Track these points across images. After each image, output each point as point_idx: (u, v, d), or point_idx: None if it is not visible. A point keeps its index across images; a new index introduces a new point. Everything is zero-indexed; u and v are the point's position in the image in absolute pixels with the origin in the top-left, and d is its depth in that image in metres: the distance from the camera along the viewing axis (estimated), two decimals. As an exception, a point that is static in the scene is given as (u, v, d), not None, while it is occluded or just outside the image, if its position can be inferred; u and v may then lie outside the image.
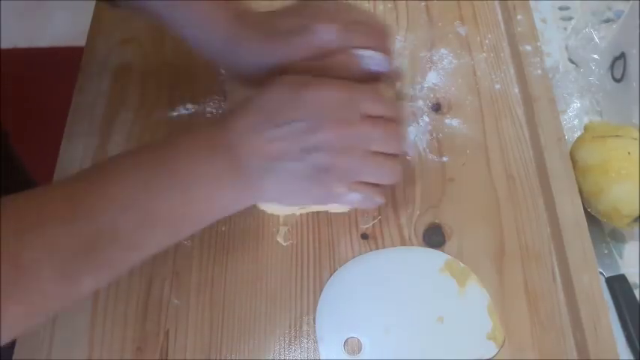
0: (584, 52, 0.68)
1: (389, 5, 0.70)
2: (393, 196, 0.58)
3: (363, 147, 0.47)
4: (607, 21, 0.71)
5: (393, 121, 0.49)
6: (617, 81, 0.64)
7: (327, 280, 0.54)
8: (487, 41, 0.68)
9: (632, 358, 0.53)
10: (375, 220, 0.57)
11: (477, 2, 0.71)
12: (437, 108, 0.63)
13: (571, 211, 0.55)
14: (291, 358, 0.51)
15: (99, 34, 0.68)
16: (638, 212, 0.55)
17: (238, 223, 0.57)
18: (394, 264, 0.55)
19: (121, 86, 0.65)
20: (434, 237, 0.56)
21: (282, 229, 0.56)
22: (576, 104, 0.67)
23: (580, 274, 0.52)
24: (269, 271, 0.54)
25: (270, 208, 0.57)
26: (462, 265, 0.54)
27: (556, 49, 0.71)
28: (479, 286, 0.53)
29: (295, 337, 0.51)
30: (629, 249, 0.58)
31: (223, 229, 0.56)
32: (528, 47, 0.65)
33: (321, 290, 0.53)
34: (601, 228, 0.59)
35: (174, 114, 0.63)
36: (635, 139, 0.57)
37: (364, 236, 0.56)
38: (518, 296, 0.53)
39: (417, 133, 0.61)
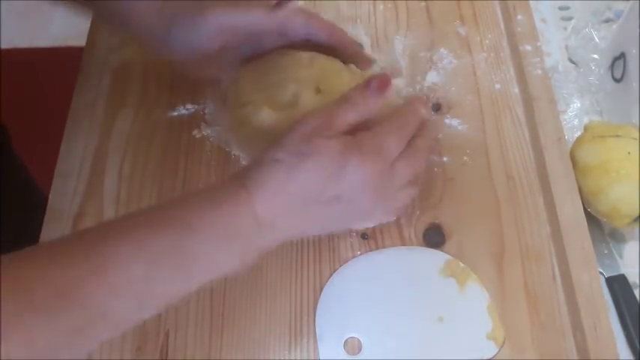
0: (584, 52, 0.68)
1: (389, 5, 0.70)
2: (393, 196, 0.58)
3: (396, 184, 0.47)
4: (607, 21, 0.71)
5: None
6: (617, 81, 0.64)
7: (327, 280, 0.54)
8: (487, 41, 0.68)
9: (632, 358, 0.53)
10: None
11: (477, 2, 0.70)
12: (437, 108, 0.63)
13: (571, 211, 0.55)
14: (291, 358, 0.51)
15: (99, 34, 0.68)
16: (638, 212, 0.55)
17: (238, 223, 0.57)
18: (394, 264, 0.55)
19: (121, 86, 0.65)
20: (434, 237, 0.56)
21: None
22: (576, 104, 0.67)
23: (580, 274, 0.52)
24: (269, 270, 0.54)
25: None
26: (462, 265, 0.54)
27: (556, 49, 0.71)
28: (479, 286, 0.53)
29: (295, 336, 0.51)
30: (629, 249, 0.58)
31: (223, 229, 0.56)
32: (528, 47, 0.65)
33: (321, 290, 0.53)
34: (601, 228, 0.59)
35: (175, 114, 0.63)
36: (635, 139, 0.57)
37: (364, 236, 0.56)
38: (518, 296, 0.53)
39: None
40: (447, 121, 0.62)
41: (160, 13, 0.49)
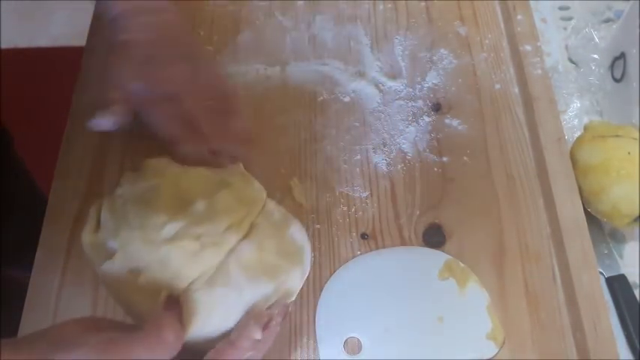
0: (584, 52, 0.68)
1: (389, 5, 0.70)
2: (393, 196, 0.58)
3: None
4: (607, 21, 0.71)
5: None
6: (617, 81, 0.64)
7: (327, 280, 0.54)
8: (487, 41, 0.68)
9: (632, 358, 0.53)
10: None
11: (477, 2, 0.71)
12: (437, 108, 0.63)
13: (571, 211, 0.55)
14: (291, 358, 0.51)
15: (99, 34, 0.68)
16: (638, 212, 0.55)
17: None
18: (394, 264, 0.55)
19: (121, 86, 0.65)
20: (434, 237, 0.56)
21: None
22: (576, 104, 0.67)
23: (580, 274, 0.52)
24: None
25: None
26: (462, 265, 0.54)
27: (556, 49, 0.71)
28: (479, 286, 0.53)
29: (295, 337, 0.51)
30: (629, 249, 0.58)
31: (223, 229, 0.56)
32: (528, 47, 0.65)
33: (321, 290, 0.53)
34: (601, 228, 0.59)
35: (174, 114, 0.63)
36: (635, 139, 0.57)
37: (364, 236, 0.56)
38: (518, 296, 0.53)
39: (417, 133, 0.61)
40: (447, 121, 0.62)
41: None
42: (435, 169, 0.59)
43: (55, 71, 1.27)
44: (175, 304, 0.41)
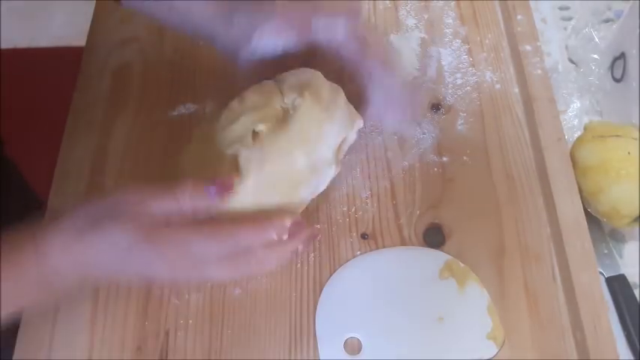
0: (584, 52, 0.68)
1: (389, 5, 0.70)
2: (393, 196, 0.58)
3: None
4: (607, 21, 0.71)
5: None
6: (617, 81, 0.64)
7: (327, 280, 0.54)
8: (487, 41, 0.68)
9: (632, 358, 0.53)
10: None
11: (477, 2, 0.71)
12: (437, 108, 0.63)
13: (571, 211, 0.55)
14: (291, 358, 0.51)
15: (99, 34, 0.68)
16: (638, 212, 0.55)
17: (238, 223, 0.56)
18: (394, 264, 0.55)
19: (121, 86, 0.65)
20: (434, 237, 0.56)
21: None
22: (576, 104, 0.67)
23: (580, 274, 0.52)
24: (269, 270, 0.54)
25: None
26: (462, 265, 0.54)
27: (556, 49, 0.71)
28: (479, 286, 0.53)
29: (295, 337, 0.51)
30: (629, 249, 0.58)
31: (223, 229, 0.56)
32: (528, 47, 0.65)
33: (321, 290, 0.53)
34: (601, 228, 0.59)
35: (175, 114, 0.63)
36: (635, 139, 0.57)
37: (364, 236, 0.56)
38: (518, 296, 0.53)
39: (416, 133, 0.61)
40: (446, 120, 0.62)
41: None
42: (435, 169, 0.59)
43: (55, 71, 1.27)
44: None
